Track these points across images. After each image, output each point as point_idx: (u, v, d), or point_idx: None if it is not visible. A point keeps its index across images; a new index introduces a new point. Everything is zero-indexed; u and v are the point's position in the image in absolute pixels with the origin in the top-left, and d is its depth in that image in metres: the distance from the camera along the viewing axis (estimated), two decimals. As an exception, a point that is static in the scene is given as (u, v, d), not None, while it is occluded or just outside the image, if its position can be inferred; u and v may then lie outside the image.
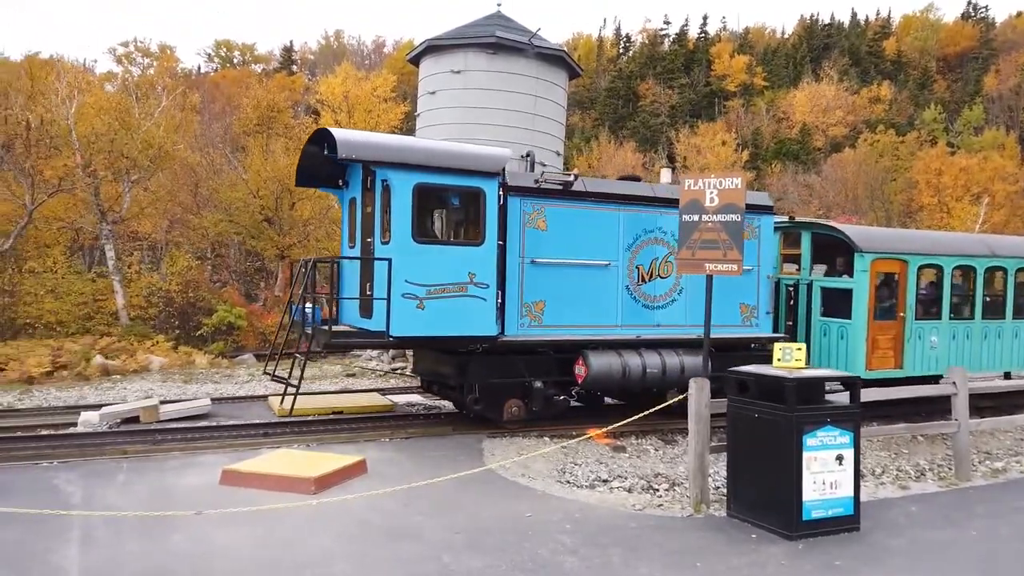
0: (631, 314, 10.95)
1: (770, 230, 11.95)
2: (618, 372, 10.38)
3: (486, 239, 9.74)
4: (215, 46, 73.50)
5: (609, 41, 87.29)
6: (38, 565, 5.41)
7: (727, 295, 11.23)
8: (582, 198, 10.62)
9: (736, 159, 54.23)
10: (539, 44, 20.29)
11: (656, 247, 11.15)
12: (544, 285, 10.31)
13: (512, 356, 10.28)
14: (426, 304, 9.37)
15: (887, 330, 12.13)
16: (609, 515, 6.98)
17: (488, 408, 10.26)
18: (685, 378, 10.76)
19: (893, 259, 12.09)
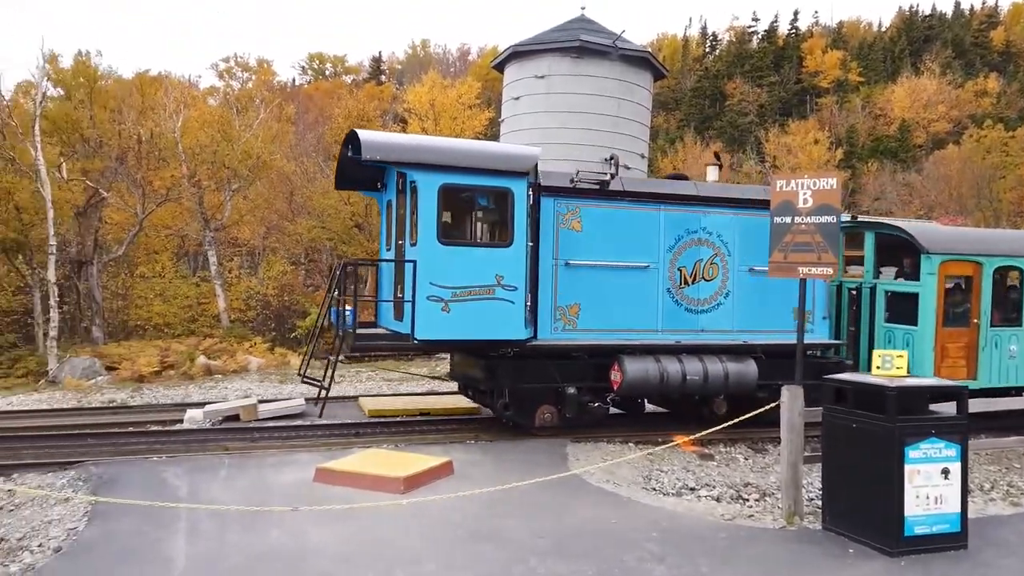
0: (673, 318, 10.57)
1: None
2: (655, 379, 9.99)
3: (515, 240, 9.49)
4: (308, 59, 76.29)
5: (695, 40, 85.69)
6: (151, 555, 5.75)
7: (780, 299, 10.77)
8: (620, 197, 10.31)
9: (829, 158, 52.21)
10: (623, 46, 20.13)
11: (700, 248, 10.72)
12: (579, 288, 10.05)
13: (544, 360, 10.03)
14: (451, 307, 9.19)
15: (958, 338, 11.26)
16: (697, 524, 6.85)
17: (519, 414, 10.03)
18: (730, 386, 10.44)
19: (965, 261, 11.23)
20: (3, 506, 7.35)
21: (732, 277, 10.85)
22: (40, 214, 21.83)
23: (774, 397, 10.60)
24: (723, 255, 10.82)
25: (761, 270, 10.64)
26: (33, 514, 6.91)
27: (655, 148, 47.79)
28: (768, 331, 10.89)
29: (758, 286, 10.80)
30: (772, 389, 10.59)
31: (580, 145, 19.64)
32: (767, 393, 10.64)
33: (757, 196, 11.14)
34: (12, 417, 12.26)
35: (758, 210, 10.75)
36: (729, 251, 10.85)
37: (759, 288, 10.81)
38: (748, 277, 10.86)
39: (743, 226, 10.88)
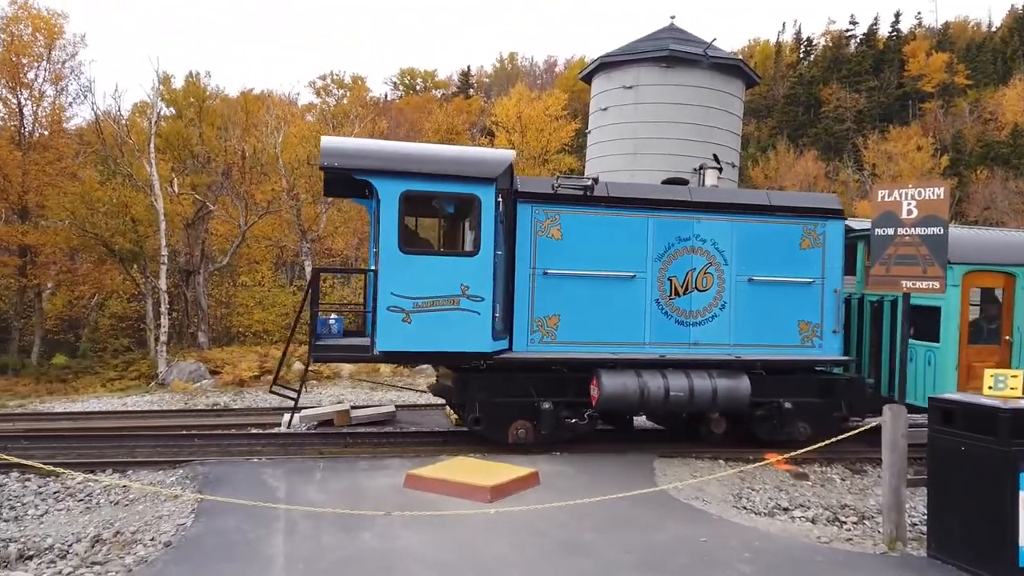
0: (662, 331, 10.05)
1: (838, 237, 10.56)
2: (634, 394, 9.44)
3: (481, 249, 9.08)
4: (400, 74, 78.37)
5: (788, 46, 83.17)
6: (252, 553, 6.02)
7: (782, 311, 10.27)
8: (603, 203, 9.89)
9: (934, 165, 49.61)
10: (714, 54, 19.83)
11: (693, 257, 10.14)
12: (558, 298, 9.68)
13: (519, 374, 9.67)
14: (413, 318, 8.87)
15: (988, 356, 10.32)
16: (791, 546, 6.63)
17: (490, 429, 9.64)
18: (719, 403, 9.82)
19: (994, 271, 10.28)
20: (119, 501, 7.86)
21: (729, 287, 10.24)
22: (153, 226, 23.31)
23: (775, 417, 10.19)
24: (718, 264, 10.23)
25: (762, 280, 10.28)
26: (146, 509, 7.35)
27: (746, 156, 46.66)
28: (770, 345, 10.30)
29: (758, 297, 10.29)
30: (773, 408, 10.20)
31: (668, 155, 19.47)
32: (767, 411, 10.20)
33: (756, 201, 10.64)
34: (127, 417, 13.09)
35: (758, 216, 10.36)
36: (725, 260, 10.25)
37: (759, 299, 10.29)
38: (747, 288, 10.27)
39: (741, 233, 10.29)
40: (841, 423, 10.45)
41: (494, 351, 9.27)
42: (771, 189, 53.78)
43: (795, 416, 10.19)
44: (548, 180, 10.06)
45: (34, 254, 29.26)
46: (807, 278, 10.34)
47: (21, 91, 29.21)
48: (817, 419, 10.33)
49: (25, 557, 6.22)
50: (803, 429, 10.25)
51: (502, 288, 9.46)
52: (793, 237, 10.39)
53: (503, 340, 9.47)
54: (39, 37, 29.19)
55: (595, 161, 21.33)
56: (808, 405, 10.33)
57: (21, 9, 29.34)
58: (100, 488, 8.15)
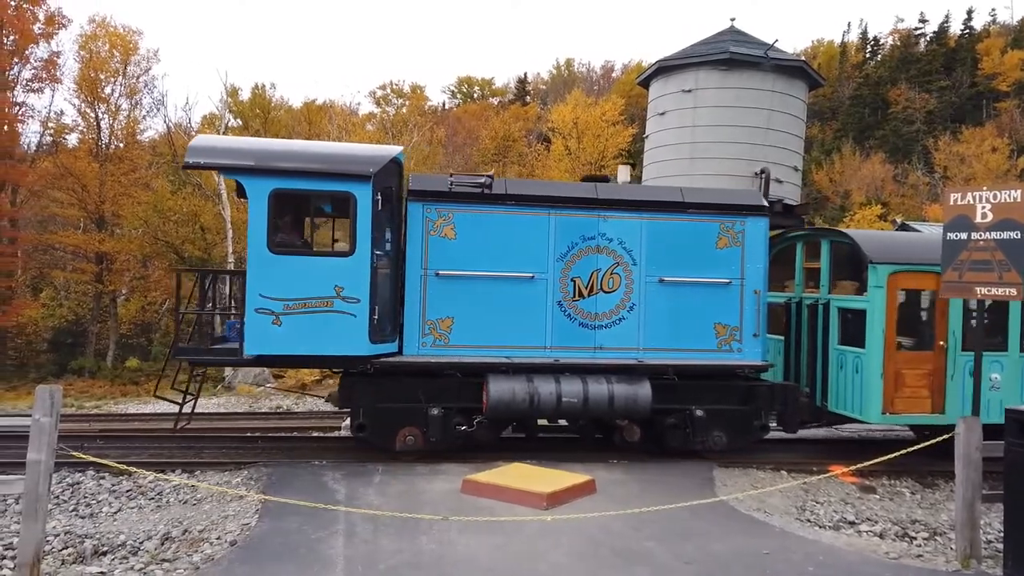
0: (564, 334, 9.62)
1: (760, 236, 10.01)
2: (523, 401, 9.09)
3: (357, 249, 8.72)
4: (457, 83, 79.19)
5: (854, 46, 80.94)
6: (313, 554, 6.15)
7: (697, 313, 9.78)
8: (501, 201, 9.50)
9: (1010, 167, 47.55)
10: (775, 56, 19.43)
11: (598, 257, 9.69)
12: (452, 301, 9.35)
13: (408, 379, 9.31)
14: (283, 320, 8.56)
15: (920, 363, 9.63)
16: (858, 561, 6.42)
17: (377, 435, 9.30)
18: (616, 410, 9.35)
19: (925, 272, 9.51)
20: (187, 500, 8.13)
21: (638, 289, 9.77)
22: (220, 234, 24.10)
23: (686, 424, 9.67)
24: (626, 264, 9.77)
25: (674, 281, 9.82)
26: (212, 509, 7.58)
27: (809, 160, 45.55)
28: (683, 349, 9.81)
29: (670, 299, 9.82)
30: (685, 415, 9.68)
31: (727, 159, 19.14)
32: (679, 419, 9.69)
33: (668, 198, 10.13)
34: (195, 419, 13.52)
35: (670, 213, 9.88)
36: (634, 260, 9.79)
37: (672, 301, 9.82)
38: (658, 289, 9.80)
39: (652, 232, 9.83)
40: (761, 432, 10.02)
41: (373, 355, 8.96)
42: (836, 192, 52.38)
43: (708, 424, 9.70)
44: (443, 178, 9.74)
45: (110, 261, 30.59)
46: (724, 278, 9.85)
47: (99, 105, 30.64)
48: (735, 428, 9.86)
49: (99, 553, 6.48)
50: (718, 438, 9.78)
51: (390, 289, 9.21)
52: (709, 235, 9.91)
53: (389, 343, 9.19)
54: (116, 53, 30.59)
55: (652, 166, 21.15)
56: (724, 413, 9.83)
57: (99, 27, 30.82)
58: (170, 487, 8.45)
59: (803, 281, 11.37)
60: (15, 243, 29.83)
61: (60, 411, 5.47)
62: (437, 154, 30.57)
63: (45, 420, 5.31)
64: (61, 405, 5.50)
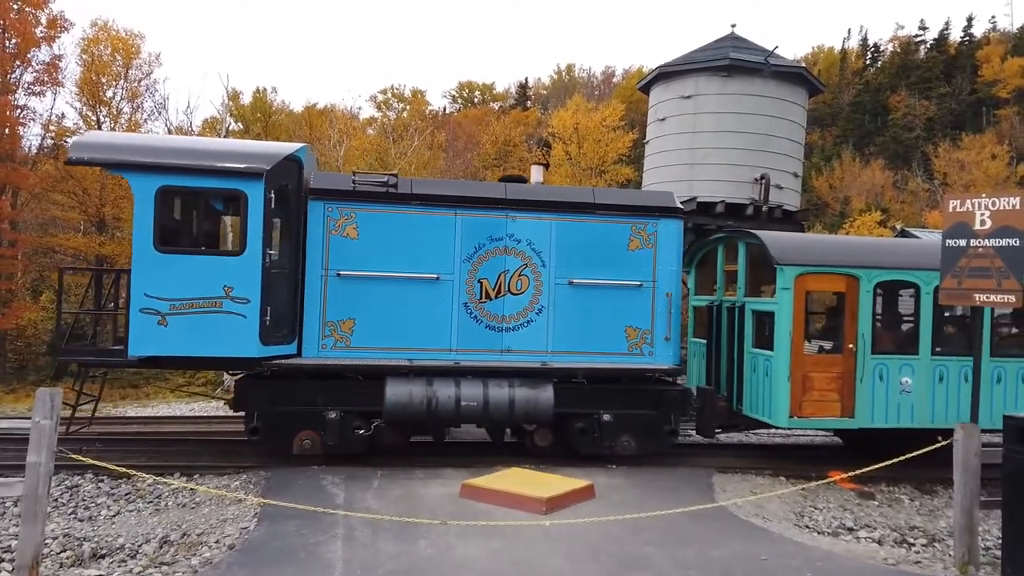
0: (470, 337, 9.47)
1: (673, 238, 9.87)
2: (421, 404, 8.97)
3: (248, 248, 8.55)
4: (458, 87, 79.31)
5: (854, 53, 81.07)
6: (311, 558, 6.15)
7: (608, 316, 9.65)
8: (406, 201, 9.36)
9: (1010, 174, 47.62)
10: (776, 63, 19.50)
11: (507, 258, 9.54)
12: (354, 302, 9.19)
13: (304, 381, 9.13)
14: (169, 320, 8.36)
15: (828, 366, 9.51)
16: (856, 567, 6.42)
17: (271, 439, 9.10)
18: (517, 415, 9.22)
19: (834, 274, 9.50)
20: (186, 504, 8.13)
21: (547, 291, 9.63)
22: (220, 237, 24.03)
23: (595, 429, 9.53)
24: (535, 266, 9.64)
25: (584, 283, 9.69)
26: (211, 512, 7.58)
27: (809, 166, 45.61)
28: (593, 352, 9.66)
29: (580, 301, 9.69)
30: (593, 420, 9.54)
31: (727, 165, 19.19)
32: (587, 424, 9.59)
33: (579, 199, 10.00)
34: (193, 423, 13.53)
35: (581, 214, 9.74)
36: (543, 261, 9.66)
37: (582, 304, 9.69)
38: (567, 291, 9.66)
39: (562, 233, 9.69)
40: (671, 437, 9.86)
41: (264, 357, 8.78)
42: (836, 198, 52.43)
43: (617, 429, 9.58)
44: (346, 177, 9.59)
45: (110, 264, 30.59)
46: (635, 281, 9.72)
47: (100, 109, 30.70)
48: (644, 433, 9.72)
49: (98, 556, 6.49)
50: (627, 443, 9.65)
51: (287, 290, 9.04)
52: (620, 237, 9.78)
53: (286, 345, 9.03)
54: (117, 57, 30.66)
55: (652, 172, 21.18)
56: (633, 418, 9.69)
57: (101, 31, 30.90)
58: (169, 491, 8.45)
59: (724, 284, 11.27)
60: (16, 246, 29.84)
61: (60, 414, 5.48)
62: (438, 159, 30.63)
63: (45, 423, 5.32)
64: (61, 408, 5.51)
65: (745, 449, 11.84)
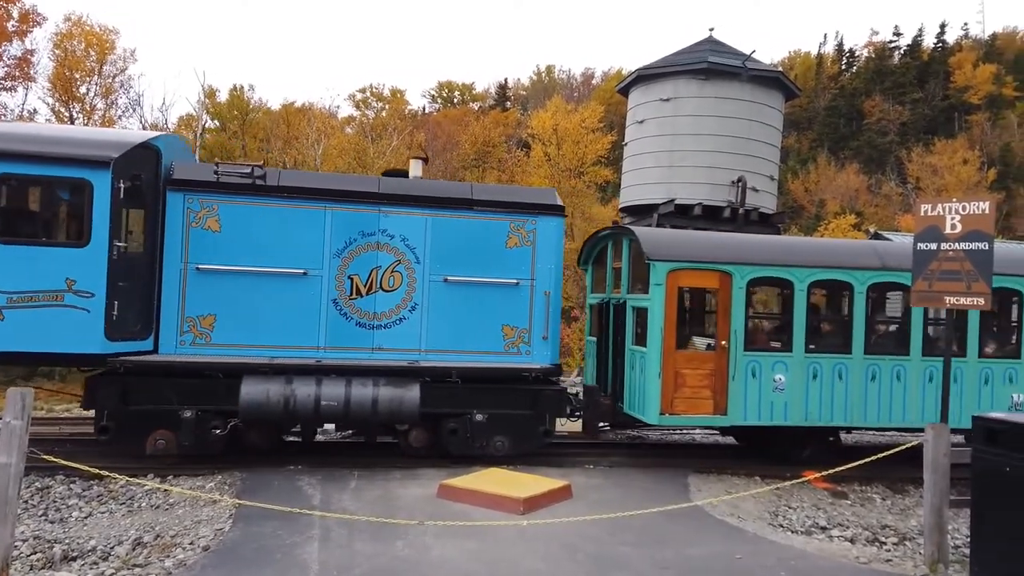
0: (340, 334, 9.28)
1: (552, 236, 9.75)
2: (278, 403, 8.70)
3: (93, 240, 8.19)
4: (438, 87, 79.15)
5: (829, 58, 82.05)
6: (288, 558, 6.11)
7: (484, 314, 9.53)
8: (273, 193, 9.12)
9: (980, 179, 48.52)
10: (753, 67, 19.72)
11: (379, 254, 9.37)
12: (214, 297, 8.92)
13: (159, 379, 8.78)
14: (6, 314, 8.02)
15: (700, 363, 9.47)
16: (829, 566, 6.51)
17: (121, 439, 8.78)
18: (380, 414, 8.98)
19: (706, 270, 9.48)
20: (160, 505, 8.03)
21: (421, 288, 9.48)
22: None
23: (467, 429, 9.39)
24: (409, 263, 9.47)
25: (459, 280, 9.55)
26: (185, 514, 7.49)
27: (786, 169, 46.10)
28: (468, 351, 9.53)
29: (455, 299, 9.54)
30: (466, 420, 9.41)
31: (705, 167, 19.36)
32: (458, 424, 9.41)
33: (456, 194, 9.82)
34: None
35: (457, 210, 9.60)
36: (417, 258, 9.49)
37: (457, 302, 9.54)
38: (442, 288, 9.51)
39: (437, 229, 9.54)
40: (545, 437, 9.70)
41: (111, 353, 8.44)
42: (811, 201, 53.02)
43: (489, 429, 9.43)
44: (208, 167, 9.33)
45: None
46: (513, 279, 9.59)
47: (73, 105, 30.23)
48: (518, 433, 9.56)
49: (69, 558, 6.39)
50: (500, 444, 9.49)
51: (140, 284, 8.77)
52: (498, 234, 9.64)
53: (139, 341, 8.73)
54: (91, 52, 30.21)
55: (631, 173, 21.31)
56: (507, 418, 9.51)
57: (75, 26, 30.44)
58: (142, 492, 8.34)
59: (613, 281, 11.16)
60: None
61: (31, 414, 5.40)
62: (417, 158, 30.62)
63: (16, 423, 5.24)
64: (32, 408, 5.43)
65: (720, 449, 11.95)
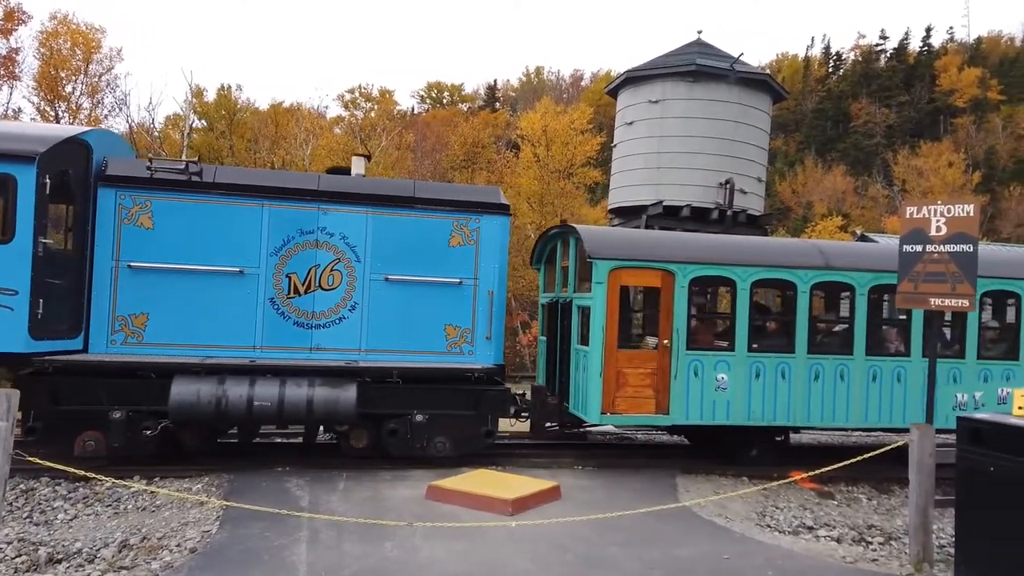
0: (277, 334, 9.16)
1: (496, 235, 9.64)
2: (209, 404, 8.49)
3: (16, 236, 8.02)
4: (427, 88, 79.11)
5: (817, 60, 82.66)
6: (276, 560, 6.09)
7: (426, 314, 9.44)
8: (208, 190, 8.99)
9: (965, 182, 48.99)
10: (741, 69, 19.81)
11: (318, 252, 9.25)
12: (147, 295, 8.79)
13: (88, 379, 8.57)
14: None
15: (643, 362, 9.41)
16: (816, 566, 6.55)
17: (49, 440, 8.62)
18: (315, 415, 8.81)
19: (649, 268, 9.42)
20: (146, 507, 7.97)
21: (361, 287, 9.37)
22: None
23: (407, 430, 9.23)
24: (349, 261, 9.36)
25: (401, 279, 9.46)
26: (172, 516, 7.45)
27: (773, 171, 46.36)
28: (409, 351, 9.42)
29: (397, 298, 9.44)
30: (406, 420, 9.28)
31: (693, 169, 19.45)
32: (399, 425, 9.27)
33: (398, 192, 9.70)
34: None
35: (399, 208, 9.50)
36: (358, 256, 9.38)
37: (398, 301, 9.45)
38: (383, 288, 9.41)
39: (378, 227, 9.43)
40: (487, 438, 9.58)
41: (36, 352, 8.27)
42: (799, 203, 53.33)
43: (430, 430, 9.30)
44: (142, 163, 9.18)
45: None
46: (455, 278, 9.52)
47: (59, 104, 29.99)
48: (460, 434, 9.44)
49: (54, 561, 6.33)
50: (441, 445, 9.36)
51: (69, 281, 8.64)
52: (441, 233, 9.55)
53: (67, 340, 8.63)
54: (77, 51, 29.98)
55: (620, 175, 21.37)
56: (448, 418, 9.39)
57: (61, 24, 30.21)
58: (128, 494, 8.28)
59: (562, 280, 11.07)
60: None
61: (16, 415, 5.36)
62: (406, 159, 30.51)
63: (1, 424, 5.20)
64: (17, 409, 5.39)
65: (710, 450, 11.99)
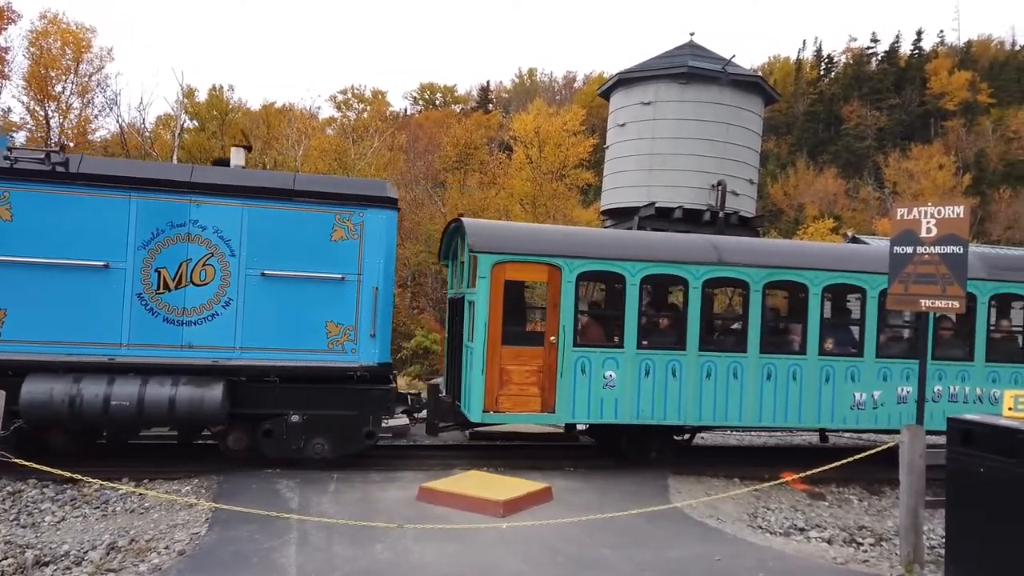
0: (145, 331, 8.78)
1: (381, 229, 9.35)
2: (63, 404, 8.26)
3: None
4: (420, 89, 79.01)
5: (808, 63, 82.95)
6: (265, 563, 6.04)
7: (306, 311, 9.12)
8: (72, 180, 8.64)
9: (955, 184, 49.28)
10: (733, 71, 19.86)
11: (189, 246, 8.90)
12: (5, 290, 8.49)
13: None
14: None
15: (528, 359, 9.17)
16: (807, 567, 6.56)
17: None
18: (178, 415, 8.54)
19: (534, 263, 9.26)
20: (134, 509, 7.91)
21: (236, 282, 9.03)
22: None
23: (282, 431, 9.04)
24: (223, 255, 9.01)
25: (278, 275, 9.13)
26: (160, 518, 7.40)
27: (765, 173, 46.51)
28: (288, 349, 9.11)
29: (274, 294, 9.12)
30: (282, 421, 9.09)
31: (686, 171, 19.47)
32: (274, 426, 9.08)
33: (276, 184, 9.40)
34: (144, 425, 13.17)
35: (277, 201, 9.19)
36: (232, 250, 9.04)
37: (276, 297, 9.12)
38: (259, 283, 9.07)
39: (254, 221, 9.10)
40: (368, 439, 9.39)
41: None
42: (791, 205, 53.53)
43: (307, 431, 9.11)
44: (1, 151, 8.84)
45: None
46: (338, 274, 9.19)
47: (49, 103, 29.80)
48: (339, 435, 9.24)
49: (41, 563, 6.28)
50: (319, 446, 9.16)
51: None
52: (322, 227, 9.24)
53: None
54: (67, 51, 29.81)
55: (613, 176, 21.38)
56: (326, 419, 9.17)
57: (51, 24, 30.02)
58: (116, 496, 8.22)
59: (459, 275, 10.76)
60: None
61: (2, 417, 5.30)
62: (398, 160, 30.46)
63: (-15, 426, 5.14)
64: (3, 411, 5.33)
65: (699, 452, 12.00)
